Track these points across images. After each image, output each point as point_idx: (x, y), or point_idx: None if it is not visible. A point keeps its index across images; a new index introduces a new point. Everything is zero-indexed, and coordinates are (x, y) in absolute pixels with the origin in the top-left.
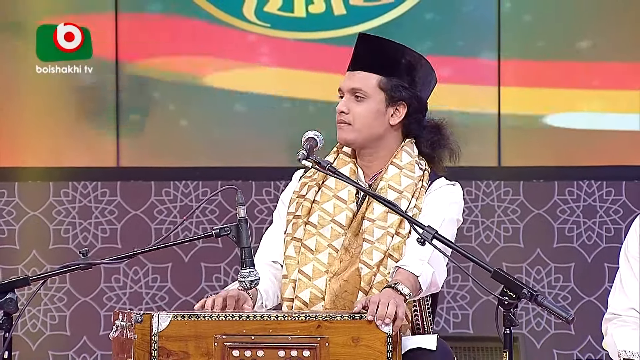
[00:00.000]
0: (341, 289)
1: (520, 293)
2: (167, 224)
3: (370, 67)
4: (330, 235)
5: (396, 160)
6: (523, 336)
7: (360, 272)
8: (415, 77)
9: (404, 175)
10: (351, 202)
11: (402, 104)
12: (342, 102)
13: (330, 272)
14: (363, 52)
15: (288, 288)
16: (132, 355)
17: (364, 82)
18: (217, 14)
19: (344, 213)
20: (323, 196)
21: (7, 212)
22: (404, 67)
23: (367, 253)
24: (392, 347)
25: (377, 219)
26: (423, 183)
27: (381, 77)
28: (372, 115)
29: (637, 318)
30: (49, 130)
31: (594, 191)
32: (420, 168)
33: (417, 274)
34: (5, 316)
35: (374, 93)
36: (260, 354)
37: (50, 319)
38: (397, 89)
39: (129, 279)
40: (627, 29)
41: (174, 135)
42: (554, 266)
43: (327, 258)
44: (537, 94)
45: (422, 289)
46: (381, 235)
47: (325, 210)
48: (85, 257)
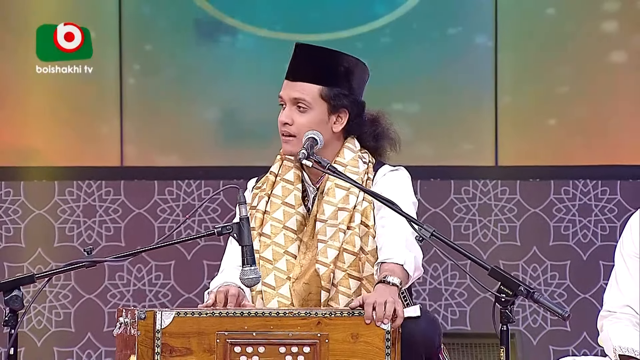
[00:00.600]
0: (305, 292)
1: (517, 290)
2: (170, 223)
3: (311, 78)
4: (285, 242)
5: (339, 158)
6: (520, 333)
7: (319, 271)
8: (353, 82)
9: (348, 171)
10: (299, 205)
11: (344, 110)
12: (285, 113)
13: (292, 277)
14: (302, 63)
15: (257, 300)
16: (136, 351)
17: (306, 93)
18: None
19: (294, 218)
20: (273, 205)
21: (12, 211)
22: (342, 74)
23: (322, 252)
24: (391, 343)
25: (328, 219)
26: (368, 175)
27: (322, 87)
28: (316, 125)
29: (632, 315)
30: (53, 131)
31: (590, 190)
32: (363, 162)
33: (402, 263)
34: (11, 313)
35: (316, 103)
36: (262, 350)
37: (55, 316)
38: (339, 97)
39: (133, 277)
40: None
41: (177, 135)
42: (550, 264)
43: (285, 265)
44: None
45: (411, 275)
46: (333, 233)
47: (275, 219)
48: (90, 255)
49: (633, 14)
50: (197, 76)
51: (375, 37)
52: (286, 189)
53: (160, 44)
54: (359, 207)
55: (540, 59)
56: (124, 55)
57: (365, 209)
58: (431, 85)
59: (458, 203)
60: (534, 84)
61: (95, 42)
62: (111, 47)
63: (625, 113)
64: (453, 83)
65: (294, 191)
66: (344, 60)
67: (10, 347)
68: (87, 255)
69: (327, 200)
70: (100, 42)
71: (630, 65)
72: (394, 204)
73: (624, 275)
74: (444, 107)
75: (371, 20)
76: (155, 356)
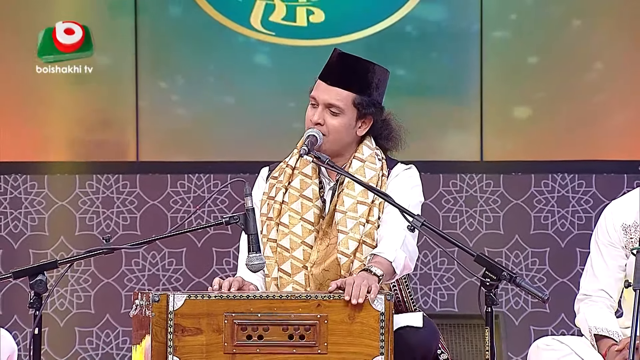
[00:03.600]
0: (323, 277)
1: (500, 275)
2: (182, 213)
3: (346, 85)
4: (302, 233)
5: (358, 154)
6: (503, 314)
7: (340, 261)
8: (382, 92)
9: (367, 167)
10: (316, 199)
11: (370, 117)
12: (318, 114)
13: (310, 262)
14: (340, 69)
15: (271, 286)
16: (150, 331)
17: (341, 99)
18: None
19: (312, 211)
20: (290, 197)
21: (37, 202)
22: (374, 85)
23: (344, 243)
24: (385, 324)
25: (347, 210)
26: (383, 172)
27: (355, 95)
28: (345, 128)
29: (606, 298)
30: (75, 128)
31: (567, 183)
32: (379, 159)
33: (391, 260)
34: (36, 296)
35: (348, 109)
36: (266, 330)
37: (76, 299)
38: (368, 106)
39: (148, 263)
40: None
41: (189, 133)
42: (531, 251)
43: (302, 254)
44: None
45: (397, 272)
46: (354, 225)
47: (294, 210)
48: (108, 243)
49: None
50: (206, 79)
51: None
52: (304, 182)
53: (175, 48)
54: (377, 202)
55: (522, 65)
56: (140, 58)
57: (382, 204)
58: (422, 88)
59: (446, 195)
60: (515, 88)
61: (112, 43)
62: (128, 50)
63: (600, 113)
64: (443, 87)
65: (311, 185)
66: (377, 71)
67: (35, 327)
68: (106, 243)
69: (347, 193)
70: (117, 43)
71: (608, 69)
72: (387, 196)
73: (599, 261)
74: (435, 108)
75: (369, 26)
76: (168, 335)
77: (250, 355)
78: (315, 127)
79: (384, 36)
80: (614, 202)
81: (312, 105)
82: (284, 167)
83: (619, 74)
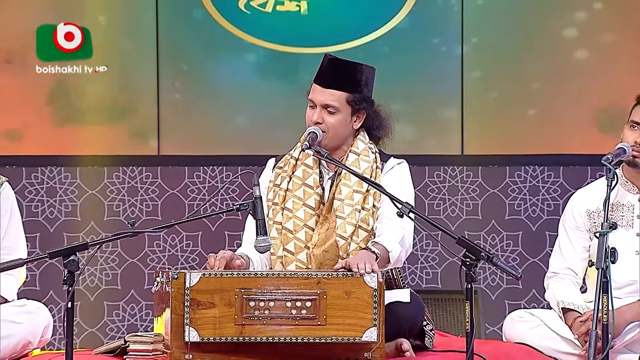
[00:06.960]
0: (324, 257)
1: (479, 255)
2: (198, 201)
3: (339, 86)
4: (304, 217)
5: (353, 148)
6: (481, 290)
7: (338, 243)
8: (371, 87)
9: (361, 160)
10: (317, 187)
11: (363, 111)
12: (317, 114)
13: (311, 244)
14: (332, 72)
15: (277, 264)
16: (170, 305)
17: (335, 99)
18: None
19: (312, 197)
20: (294, 185)
21: (70, 191)
22: (363, 83)
23: (341, 227)
24: (377, 299)
25: (345, 198)
26: (377, 164)
27: (348, 94)
28: (342, 125)
29: (572, 276)
30: (104, 126)
31: (538, 174)
32: (372, 152)
33: (390, 250)
34: (69, 274)
35: (343, 107)
36: (272, 304)
37: (105, 276)
38: (360, 102)
39: (168, 244)
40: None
41: (205, 129)
42: (506, 234)
43: (304, 236)
44: (494, 98)
45: (391, 261)
46: (350, 212)
47: (297, 197)
48: (133, 227)
49: (593, 21)
50: (221, 84)
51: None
52: (306, 172)
53: (194, 59)
54: (371, 190)
55: (500, 73)
56: (161, 68)
57: (376, 193)
58: (409, 89)
59: (431, 185)
60: (493, 90)
61: (134, 51)
62: (149, 60)
63: (567, 110)
64: (428, 88)
65: (312, 175)
66: (364, 70)
67: (68, 301)
68: (131, 227)
69: (344, 183)
70: (139, 53)
71: (589, 66)
72: (379, 186)
73: (566, 243)
74: (420, 107)
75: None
76: (185, 309)
77: (257, 327)
78: (315, 125)
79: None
80: (580, 191)
81: (311, 107)
82: (288, 158)
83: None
